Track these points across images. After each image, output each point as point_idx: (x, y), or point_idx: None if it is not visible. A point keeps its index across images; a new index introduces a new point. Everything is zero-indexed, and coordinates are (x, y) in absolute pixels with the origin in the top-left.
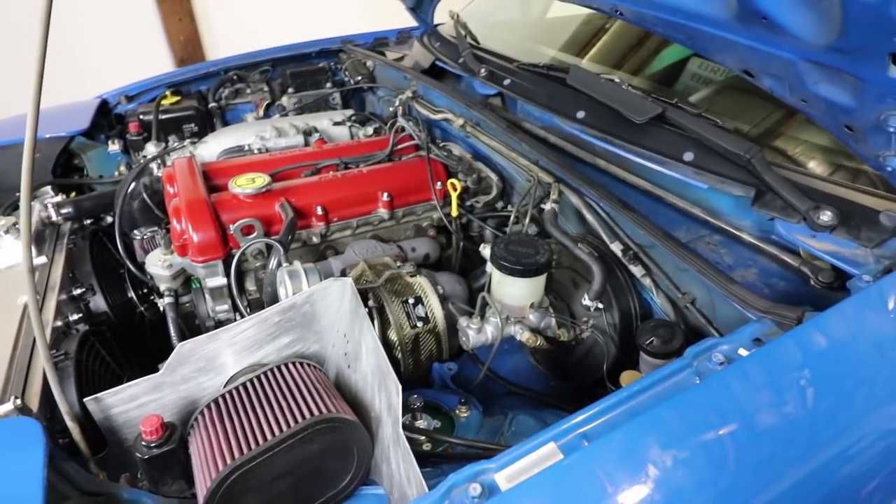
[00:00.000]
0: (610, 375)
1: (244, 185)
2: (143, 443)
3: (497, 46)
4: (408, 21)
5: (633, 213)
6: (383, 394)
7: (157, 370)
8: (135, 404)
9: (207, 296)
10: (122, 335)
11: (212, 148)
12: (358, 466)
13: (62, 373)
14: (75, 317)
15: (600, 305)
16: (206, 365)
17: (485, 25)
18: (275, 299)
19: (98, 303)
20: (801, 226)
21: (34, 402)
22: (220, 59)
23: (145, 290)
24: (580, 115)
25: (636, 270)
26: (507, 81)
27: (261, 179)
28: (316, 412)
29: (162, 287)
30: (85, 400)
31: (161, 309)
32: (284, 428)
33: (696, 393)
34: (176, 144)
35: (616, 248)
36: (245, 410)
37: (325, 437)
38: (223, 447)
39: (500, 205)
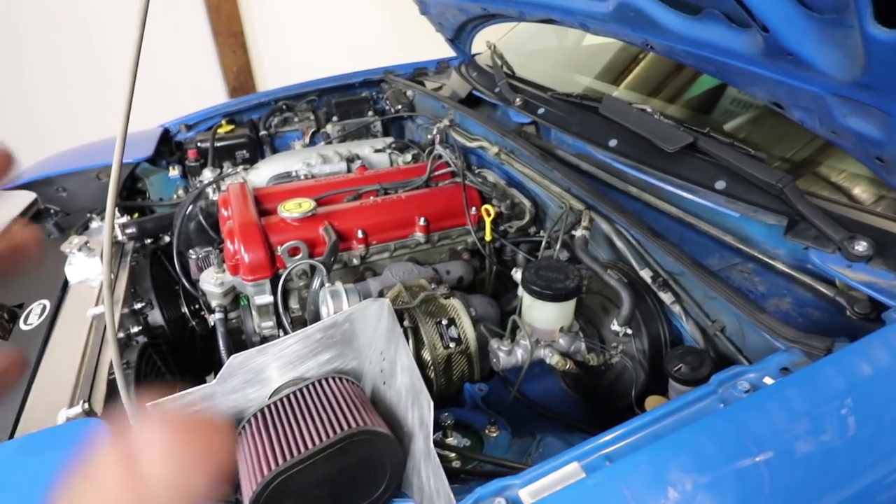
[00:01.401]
0: (639, 401)
1: (292, 209)
2: None
3: (533, 75)
4: (447, 51)
5: (662, 241)
6: (416, 410)
7: (204, 381)
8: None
9: (254, 312)
10: (176, 347)
11: (262, 174)
12: (391, 478)
13: (124, 380)
14: (136, 329)
15: (629, 331)
16: (253, 377)
17: (521, 55)
18: (317, 317)
19: (156, 317)
20: (836, 256)
21: (99, 407)
22: (270, 91)
23: (197, 306)
24: (612, 143)
25: (666, 297)
26: (541, 111)
27: (307, 204)
28: (353, 424)
29: (213, 303)
30: (147, 405)
31: (211, 324)
32: (324, 438)
33: (719, 418)
34: (230, 170)
35: (646, 274)
36: (288, 421)
37: (361, 448)
38: (268, 454)
39: (532, 230)
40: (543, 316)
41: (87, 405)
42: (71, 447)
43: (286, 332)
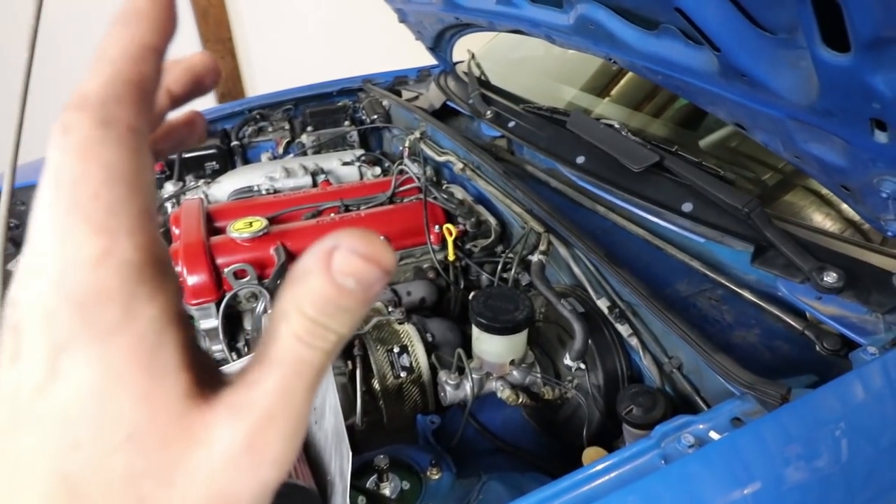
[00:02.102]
0: (595, 440)
1: (241, 228)
2: None
3: (514, 86)
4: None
5: (619, 269)
6: (338, 458)
7: None
8: None
9: (204, 336)
10: None
11: (224, 188)
12: None
13: None
14: None
15: (582, 366)
16: None
17: (505, 63)
18: None
19: None
20: (805, 286)
21: None
22: (246, 99)
23: None
24: (580, 160)
25: (623, 329)
26: (511, 124)
27: (258, 223)
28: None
29: None
30: None
31: None
32: None
33: (656, 481)
34: (192, 184)
35: (603, 304)
36: None
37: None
38: None
39: (499, 249)
40: (492, 349)
41: None
42: None
43: (239, 356)
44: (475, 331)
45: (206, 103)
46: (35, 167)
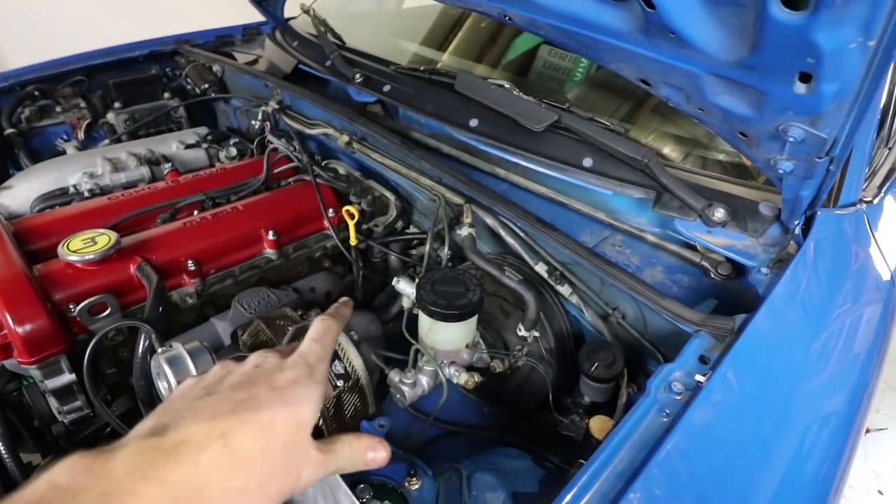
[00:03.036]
0: (554, 400)
1: (81, 248)
2: None
3: (358, 43)
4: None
5: (553, 231)
6: None
7: None
8: None
9: (51, 396)
10: None
11: (20, 195)
12: None
13: None
14: None
15: (537, 334)
16: None
17: (340, 19)
18: (150, 395)
19: None
20: (697, 223)
21: None
22: (9, 71)
23: None
24: (473, 123)
25: (563, 290)
26: (386, 87)
27: (104, 238)
28: None
29: None
30: None
31: None
32: None
33: (673, 441)
34: None
35: (541, 269)
36: None
37: None
38: None
39: (399, 225)
40: (448, 337)
41: None
42: None
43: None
44: (426, 322)
45: None
46: None
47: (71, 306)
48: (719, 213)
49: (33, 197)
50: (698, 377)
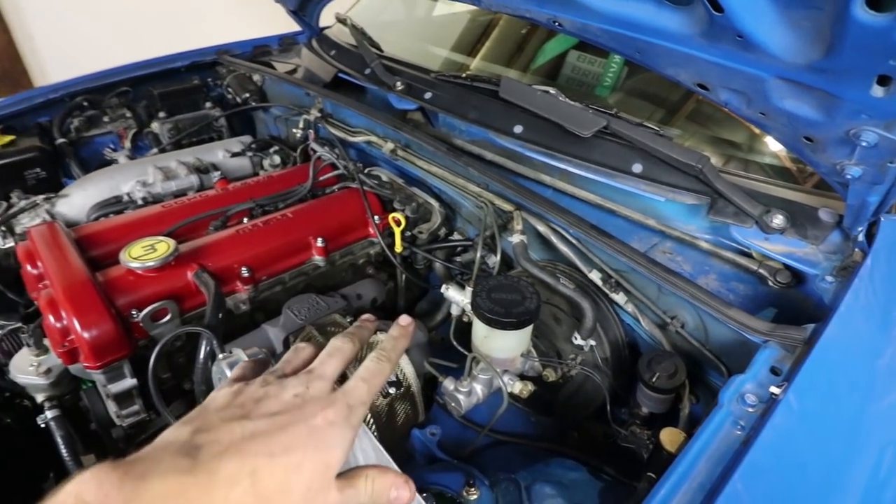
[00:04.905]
0: (604, 409)
1: (142, 255)
2: None
3: (392, 50)
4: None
5: (609, 238)
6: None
7: (41, 489)
8: None
9: (110, 400)
10: None
11: (77, 203)
12: None
13: None
14: None
15: (593, 342)
16: None
17: (373, 28)
18: None
19: None
20: (753, 230)
21: None
22: (60, 83)
23: (7, 395)
24: (518, 129)
25: (618, 298)
26: (428, 95)
27: (163, 246)
28: None
29: (39, 398)
30: None
31: (43, 423)
32: None
33: (754, 455)
34: (23, 202)
35: (595, 276)
36: None
37: None
38: None
39: (443, 232)
40: (505, 345)
41: None
42: None
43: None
44: (483, 329)
45: None
46: None
47: (133, 312)
48: (778, 220)
49: (89, 205)
50: (773, 389)
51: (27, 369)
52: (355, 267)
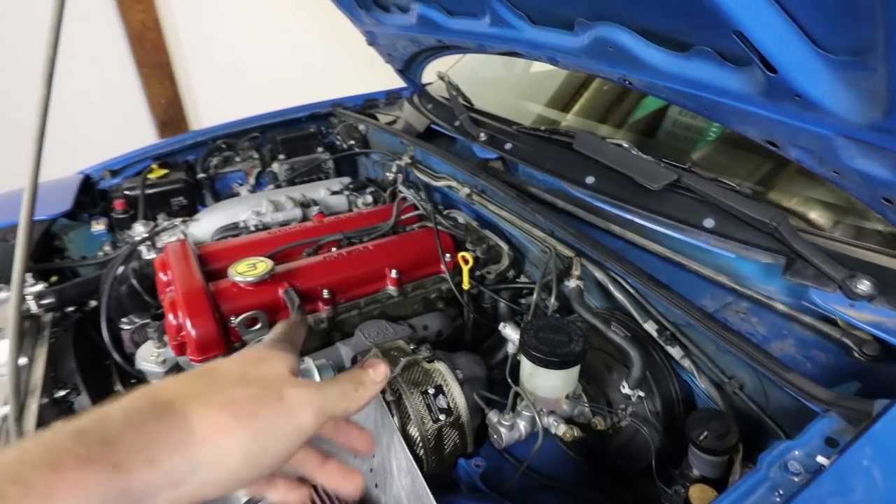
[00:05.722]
0: (656, 467)
1: (245, 271)
2: None
3: (486, 105)
4: (387, 81)
5: (666, 290)
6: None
7: None
8: None
9: None
10: None
11: (205, 226)
12: None
13: None
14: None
15: (641, 394)
16: None
17: (471, 84)
18: None
19: (83, 403)
20: (837, 295)
21: None
22: (207, 129)
23: (134, 381)
24: (589, 180)
25: (674, 352)
26: (508, 146)
27: (263, 265)
28: None
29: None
30: None
31: None
32: None
33: None
34: (166, 223)
35: (650, 327)
36: None
37: None
38: None
39: (511, 274)
40: (548, 384)
41: None
42: None
43: None
44: (528, 366)
45: (144, 136)
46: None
47: (232, 318)
48: (864, 286)
49: (214, 228)
50: (821, 459)
51: (149, 359)
52: (427, 300)
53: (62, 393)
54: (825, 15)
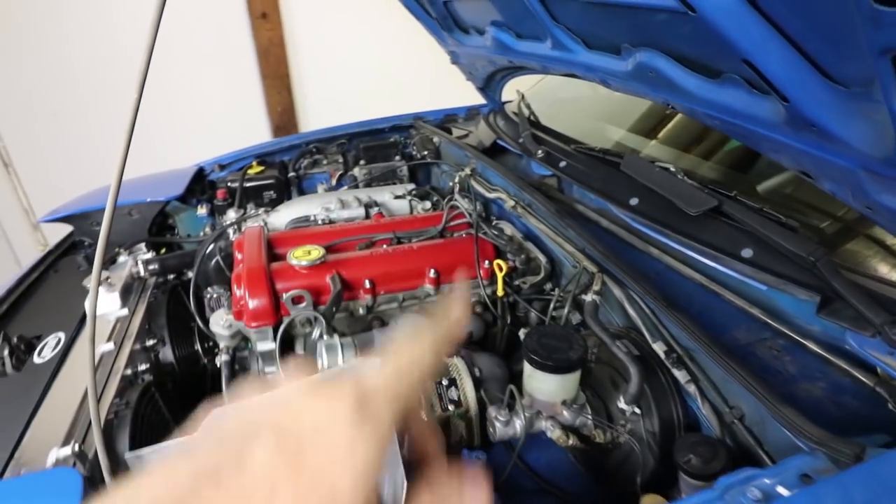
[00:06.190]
0: (649, 487)
1: (300, 256)
2: None
3: (562, 126)
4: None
5: (677, 313)
6: (390, 485)
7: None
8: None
9: (259, 357)
10: (185, 384)
11: (282, 217)
12: None
13: (120, 421)
14: (143, 367)
15: (637, 410)
16: None
17: (553, 103)
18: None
19: (167, 354)
20: (876, 340)
21: (91, 449)
22: (303, 134)
23: (210, 344)
24: (633, 202)
25: (680, 375)
26: (562, 164)
27: (316, 252)
28: None
29: (221, 345)
30: (126, 456)
31: (219, 364)
32: None
33: None
34: (252, 212)
35: (659, 348)
36: None
37: None
38: None
39: (547, 286)
40: (544, 387)
41: (77, 447)
42: (43, 496)
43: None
44: (527, 368)
45: (260, 134)
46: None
47: (283, 296)
48: None
49: (288, 219)
50: (781, 489)
51: (219, 323)
52: None
53: (151, 342)
54: (831, 45)
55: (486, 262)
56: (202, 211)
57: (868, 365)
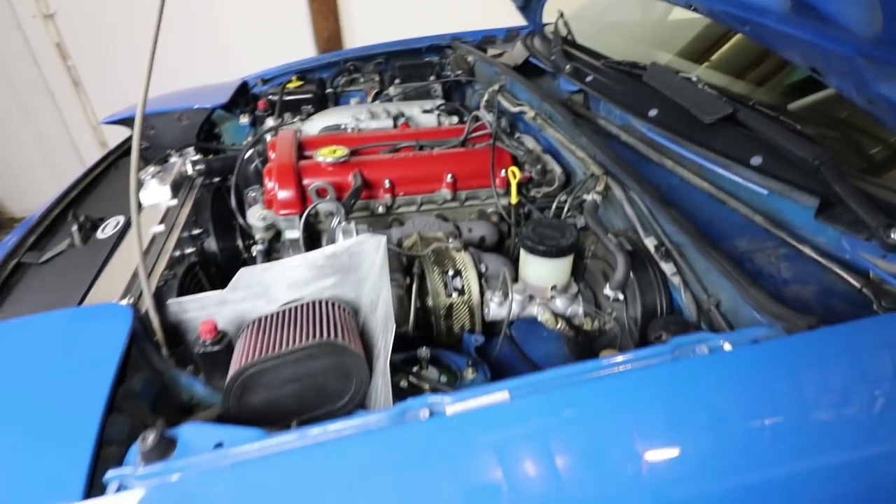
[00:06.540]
0: None
1: (326, 154)
2: (200, 341)
3: (605, 48)
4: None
5: (670, 209)
6: (385, 334)
7: None
8: (204, 312)
9: (289, 246)
10: (225, 273)
11: (315, 124)
12: (355, 392)
13: (168, 287)
14: (190, 250)
15: (621, 297)
16: (261, 291)
17: (596, 26)
18: None
19: (210, 244)
20: (871, 244)
21: (143, 305)
22: (342, 52)
23: (251, 242)
24: (652, 113)
25: (667, 268)
26: (589, 78)
27: (340, 151)
28: (327, 338)
29: (257, 237)
30: (168, 301)
31: (255, 253)
32: (298, 344)
33: (656, 371)
34: (289, 121)
35: (650, 243)
36: (277, 329)
37: (328, 358)
38: (251, 352)
39: (562, 198)
40: (536, 272)
41: (132, 300)
42: (100, 322)
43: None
44: (522, 254)
45: (307, 54)
46: (163, 98)
47: (309, 188)
48: None
49: (321, 127)
50: (727, 345)
51: (255, 217)
52: (482, 213)
53: (197, 231)
54: None
55: (503, 171)
56: (244, 120)
57: (860, 269)
